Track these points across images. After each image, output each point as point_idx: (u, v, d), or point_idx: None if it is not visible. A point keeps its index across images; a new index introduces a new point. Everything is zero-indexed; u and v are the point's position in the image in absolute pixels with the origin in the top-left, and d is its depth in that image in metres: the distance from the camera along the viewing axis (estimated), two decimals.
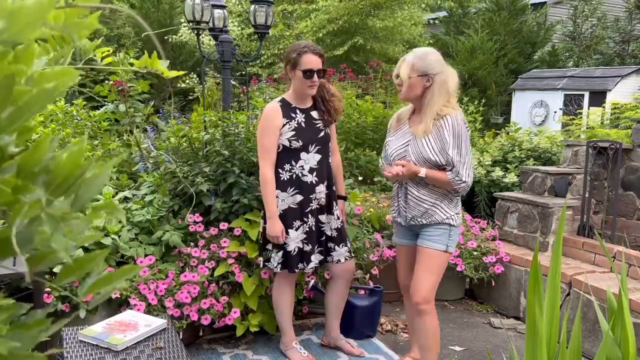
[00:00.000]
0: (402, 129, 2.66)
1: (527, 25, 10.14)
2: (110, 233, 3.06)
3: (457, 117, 2.50)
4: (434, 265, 2.58)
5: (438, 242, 2.57)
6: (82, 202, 0.54)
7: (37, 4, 0.49)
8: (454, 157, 2.47)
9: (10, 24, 0.49)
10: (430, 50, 2.58)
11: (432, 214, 2.57)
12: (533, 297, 1.48)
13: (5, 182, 0.50)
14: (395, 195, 2.72)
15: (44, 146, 0.53)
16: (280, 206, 2.81)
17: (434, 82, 2.49)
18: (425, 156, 2.51)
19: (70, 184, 0.54)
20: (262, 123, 2.80)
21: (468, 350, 3.26)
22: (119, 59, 3.96)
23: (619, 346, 1.42)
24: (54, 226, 0.52)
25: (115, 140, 4.55)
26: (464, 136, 2.49)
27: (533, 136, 5.59)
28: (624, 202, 3.94)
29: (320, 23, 8.72)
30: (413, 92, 2.54)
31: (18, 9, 0.48)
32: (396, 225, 2.82)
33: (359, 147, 5.12)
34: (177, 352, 2.18)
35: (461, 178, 2.49)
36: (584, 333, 3.20)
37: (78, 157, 0.54)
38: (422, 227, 2.62)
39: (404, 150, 2.59)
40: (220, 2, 4.33)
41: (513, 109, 8.76)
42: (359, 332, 3.31)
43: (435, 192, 2.57)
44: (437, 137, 2.49)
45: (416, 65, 2.50)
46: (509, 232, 4.16)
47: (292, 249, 2.83)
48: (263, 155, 2.78)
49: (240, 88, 6.95)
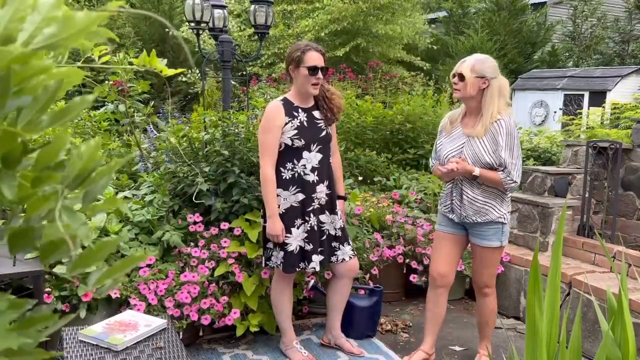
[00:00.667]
0: (455, 131, 2.81)
1: (527, 25, 10.15)
2: (110, 233, 3.06)
3: (510, 121, 2.70)
4: (492, 260, 2.87)
5: (493, 240, 2.80)
6: (92, 197, 0.57)
7: (87, 16, 0.53)
8: (506, 158, 2.66)
9: (61, 30, 0.53)
10: (488, 57, 2.77)
11: (485, 212, 2.75)
12: (533, 297, 1.48)
13: (24, 175, 0.53)
14: (448, 194, 2.87)
15: (62, 141, 0.55)
16: (282, 205, 2.81)
17: (491, 86, 2.67)
18: (480, 157, 2.69)
19: (83, 179, 0.57)
20: (264, 122, 2.81)
21: (468, 350, 3.26)
22: (118, 59, 3.95)
23: (618, 346, 1.42)
24: (73, 216, 0.54)
25: (115, 140, 4.56)
26: (516, 139, 2.69)
27: (533, 136, 5.60)
28: (623, 202, 3.94)
29: (322, 22, 8.71)
30: (468, 91, 2.69)
31: (71, 18, 0.53)
32: (444, 217, 2.95)
33: (359, 147, 5.12)
34: (177, 352, 2.18)
35: (512, 178, 2.67)
36: (584, 333, 3.20)
37: (94, 151, 0.57)
38: (476, 225, 2.81)
39: (458, 152, 2.76)
40: (220, 2, 4.33)
41: (513, 109, 8.76)
42: (359, 332, 3.31)
43: (488, 191, 2.75)
44: (491, 139, 2.68)
45: (475, 67, 2.67)
46: (509, 232, 4.16)
47: (294, 248, 2.83)
48: (264, 154, 2.78)
49: (240, 88, 6.95)
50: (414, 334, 3.46)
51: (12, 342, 0.52)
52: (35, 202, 0.53)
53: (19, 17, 0.52)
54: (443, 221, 2.96)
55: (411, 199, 4.39)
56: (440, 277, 2.93)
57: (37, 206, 0.53)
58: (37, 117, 0.55)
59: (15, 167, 0.53)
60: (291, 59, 2.78)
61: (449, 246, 2.93)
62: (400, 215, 4.01)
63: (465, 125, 2.77)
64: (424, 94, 6.09)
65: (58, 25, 0.53)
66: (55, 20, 0.53)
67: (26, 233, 0.55)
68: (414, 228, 3.90)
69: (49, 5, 0.53)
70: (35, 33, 0.53)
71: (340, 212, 3.01)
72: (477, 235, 2.83)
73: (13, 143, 0.52)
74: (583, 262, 3.72)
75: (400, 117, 5.27)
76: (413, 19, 9.29)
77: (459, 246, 2.93)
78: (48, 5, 0.53)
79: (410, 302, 4.00)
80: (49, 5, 0.53)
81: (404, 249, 3.79)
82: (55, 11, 0.53)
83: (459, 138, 2.77)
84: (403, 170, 5.02)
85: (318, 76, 2.76)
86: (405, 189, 4.57)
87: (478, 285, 2.94)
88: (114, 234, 3.07)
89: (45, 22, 0.53)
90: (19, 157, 0.53)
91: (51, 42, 0.53)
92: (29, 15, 0.53)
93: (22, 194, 0.53)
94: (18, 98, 0.53)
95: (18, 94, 0.53)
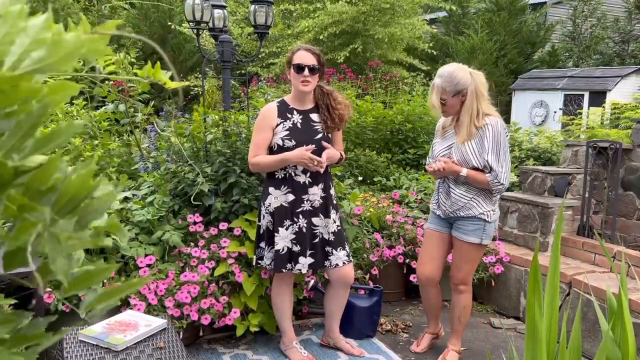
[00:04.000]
0: (448, 133, 2.90)
1: (527, 26, 10.14)
2: (110, 233, 3.06)
3: (498, 124, 2.74)
4: (471, 256, 2.91)
5: (473, 236, 2.85)
6: (85, 223, 0.55)
7: (75, 39, 0.52)
8: (491, 161, 2.72)
9: (50, 53, 0.51)
10: (454, 68, 2.76)
11: (469, 207, 2.82)
12: (533, 297, 1.48)
13: (11, 199, 0.51)
14: (436, 190, 2.99)
15: (54, 165, 0.53)
16: (272, 204, 2.85)
17: (468, 94, 2.73)
18: (467, 159, 2.76)
19: (75, 204, 0.55)
20: (257, 121, 2.91)
21: (468, 350, 3.26)
22: (118, 59, 3.94)
23: (618, 346, 1.42)
24: (56, 249, 0.52)
25: (115, 140, 4.55)
26: (503, 142, 2.74)
27: (533, 136, 5.60)
28: (623, 202, 3.94)
29: (322, 23, 8.70)
30: (453, 109, 2.78)
31: (58, 41, 0.51)
32: (433, 214, 3.05)
33: (359, 147, 5.12)
34: (177, 352, 2.18)
35: (499, 180, 2.73)
36: (583, 333, 3.20)
37: (87, 178, 0.55)
38: (459, 219, 2.88)
39: (447, 152, 2.85)
40: (220, 2, 4.33)
41: (513, 109, 8.77)
42: (358, 332, 3.31)
43: (474, 189, 2.82)
44: (479, 142, 2.74)
45: (448, 89, 2.72)
46: (509, 232, 4.17)
47: (281, 248, 2.84)
48: (251, 150, 2.87)
49: (240, 88, 6.95)
50: (414, 334, 3.46)
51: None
52: (22, 227, 0.51)
53: (8, 40, 0.51)
54: (431, 218, 3.06)
55: (411, 199, 4.39)
56: (426, 278, 3.05)
57: (24, 230, 0.51)
58: (21, 142, 0.52)
59: (3, 192, 0.51)
60: (287, 60, 2.89)
61: (434, 245, 3.01)
62: (400, 215, 4.01)
63: (457, 128, 2.86)
64: (424, 94, 6.09)
65: (46, 49, 0.51)
66: (44, 43, 0.51)
67: (20, 252, 0.53)
68: (414, 228, 3.90)
69: (38, 27, 0.51)
70: (22, 57, 0.51)
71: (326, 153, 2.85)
72: (458, 229, 2.90)
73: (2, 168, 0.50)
74: (583, 262, 3.72)
75: (400, 117, 5.28)
76: (413, 20, 9.28)
77: (445, 244, 3.00)
78: (37, 27, 0.51)
79: (410, 302, 4.00)
80: (37, 27, 0.51)
81: (404, 249, 3.80)
82: (44, 33, 0.52)
83: (450, 139, 2.87)
84: (403, 170, 5.02)
85: (305, 74, 2.77)
86: (405, 189, 4.57)
87: (454, 281, 2.98)
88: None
89: (34, 44, 0.51)
90: (7, 182, 0.52)
91: (39, 66, 0.51)
92: (17, 38, 0.51)
93: (8, 214, 0.52)
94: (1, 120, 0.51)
95: (4, 116, 0.51)
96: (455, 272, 2.96)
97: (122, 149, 4.35)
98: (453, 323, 3.07)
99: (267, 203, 2.87)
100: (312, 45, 2.95)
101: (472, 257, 2.91)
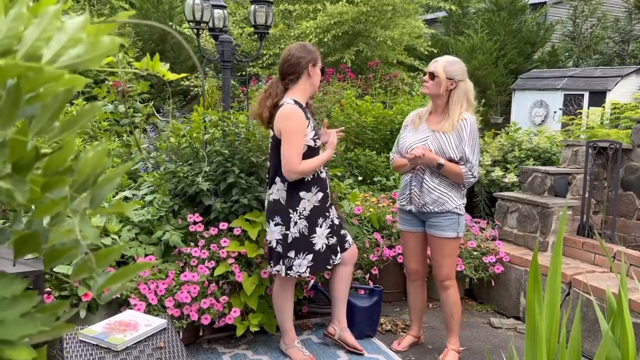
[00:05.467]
0: (421, 127, 2.96)
1: (527, 25, 10.13)
2: (111, 233, 3.06)
3: (473, 120, 2.88)
4: (449, 251, 2.97)
5: (449, 230, 2.91)
6: (99, 200, 0.59)
7: (111, 41, 0.58)
8: (468, 153, 2.82)
9: (86, 52, 0.57)
10: (459, 61, 2.93)
11: (443, 202, 2.87)
12: (533, 297, 1.48)
13: (34, 180, 0.55)
14: (407, 185, 3.00)
15: (71, 147, 0.58)
16: (307, 207, 2.83)
17: (458, 87, 2.85)
18: (444, 149, 2.83)
19: (90, 183, 0.59)
20: (296, 123, 2.72)
21: (468, 350, 3.26)
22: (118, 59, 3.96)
23: (618, 346, 1.42)
24: (81, 218, 0.57)
25: (115, 140, 4.55)
26: (477, 138, 2.87)
27: (533, 136, 5.59)
28: (623, 202, 3.94)
29: (323, 25, 8.69)
30: (435, 89, 2.87)
31: (97, 42, 0.57)
32: (403, 213, 3.09)
33: (359, 147, 5.12)
34: (177, 352, 2.18)
35: (473, 173, 2.85)
36: (583, 333, 3.20)
37: (102, 156, 0.59)
38: (433, 216, 2.92)
39: (422, 144, 2.88)
40: (220, 2, 4.33)
41: (513, 109, 8.76)
42: (359, 332, 3.31)
43: (447, 182, 2.88)
44: (457, 134, 2.84)
45: (446, 68, 2.85)
46: (509, 232, 4.17)
47: (320, 247, 2.87)
48: (296, 157, 2.70)
49: (240, 88, 6.95)
50: None
51: (31, 329, 0.55)
52: (44, 206, 0.55)
53: (45, 36, 0.56)
54: (402, 219, 3.11)
55: None
56: (413, 272, 3.15)
57: (46, 210, 0.55)
58: (49, 124, 0.57)
59: (26, 174, 0.55)
60: (311, 57, 2.78)
61: (413, 243, 3.09)
62: None
63: (430, 122, 2.93)
64: (424, 94, 6.08)
65: (84, 47, 0.57)
66: (81, 41, 0.57)
67: (32, 238, 0.57)
68: None
69: (75, 27, 0.57)
70: (60, 52, 0.56)
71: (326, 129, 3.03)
72: (434, 226, 2.94)
73: (24, 151, 0.54)
74: (583, 262, 3.72)
75: (400, 117, 5.27)
76: (412, 21, 9.27)
77: (422, 242, 3.09)
78: (74, 26, 0.57)
79: None
80: (75, 27, 0.57)
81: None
82: (80, 33, 0.57)
83: (423, 132, 2.93)
84: None
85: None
86: None
87: (438, 278, 3.02)
88: (114, 233, 3.07)
89: (72, 42, 0.56)
90: (30, 164, 0.55)
91: (75, 62, 0.56)
92: (55, 35, 0.56)
93: (32, 197, 0.55)
94: (29, 106, 0.55)
95: (30, 101, 0.55)
96: (437, 270, 3.01)
97: (122, 149, 4.35)
98: (447, 322, 3.10)
99: (300, 209, 2.81)
100: (314, 46, 2.94)
101: (451, 251, 2.97)
